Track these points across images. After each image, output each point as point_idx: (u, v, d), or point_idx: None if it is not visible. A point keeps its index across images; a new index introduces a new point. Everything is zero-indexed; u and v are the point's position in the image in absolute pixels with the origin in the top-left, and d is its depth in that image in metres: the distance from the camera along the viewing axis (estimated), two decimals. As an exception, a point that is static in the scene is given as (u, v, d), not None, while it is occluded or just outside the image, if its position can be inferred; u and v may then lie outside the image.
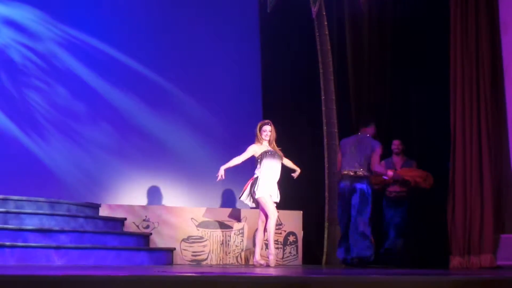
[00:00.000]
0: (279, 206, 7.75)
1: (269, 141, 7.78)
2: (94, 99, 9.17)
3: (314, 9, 9.41)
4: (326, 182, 9.13)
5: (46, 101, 8.95)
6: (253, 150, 7.73)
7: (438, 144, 8.64)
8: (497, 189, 7.76)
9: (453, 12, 8.26)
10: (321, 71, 9.49)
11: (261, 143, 7.76)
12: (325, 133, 9.24)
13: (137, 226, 8.21)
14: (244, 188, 7.70)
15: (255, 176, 7.69)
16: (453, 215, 7.88)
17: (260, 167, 7.67)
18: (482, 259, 7.59)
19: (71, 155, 8.91)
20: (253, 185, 7.63)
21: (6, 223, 6.72)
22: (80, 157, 8.95)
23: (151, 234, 8.14)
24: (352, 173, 8.04)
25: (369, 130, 8.26)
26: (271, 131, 7.81)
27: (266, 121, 7.96)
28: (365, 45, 9.59)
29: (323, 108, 9.31)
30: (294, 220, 8.86)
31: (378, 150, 8.07)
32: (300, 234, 8.89)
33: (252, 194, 7.62)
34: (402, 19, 9.38)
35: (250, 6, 10.02)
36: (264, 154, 7.67)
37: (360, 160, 8.05)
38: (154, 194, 9.09)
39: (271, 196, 7.60)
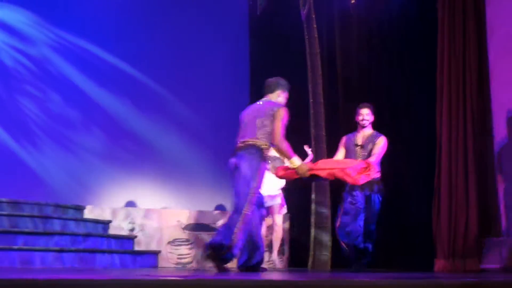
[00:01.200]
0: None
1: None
2: (85, 103, 9.14)
3: (304, 12, 9.40)
4: (313, 184, 9.11)
5: (37, 105, 8.91)
6: None
7: (424, 147, 8.64)
8: (482, 193, 7.77)
9: (440, 15, 8.27)
10: (309, 74, 9.47)
11: None
12: (312, 136, 9.23)
13: (122, 229, 8.17)
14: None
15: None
16: (438, 218, 7.89)
17: None
18: (466, 262, 7.60)
19: (59, 158, 8.87)
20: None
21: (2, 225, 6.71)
22: (68, 159, 8.91)
23: (136, 236, 8.11)
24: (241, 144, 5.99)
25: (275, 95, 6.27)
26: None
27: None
28: (354, 49, 9.59)
29: (311, 111, 9.30)
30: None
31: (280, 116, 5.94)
32: (286, 237, 8.87)
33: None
34: (391, 22, 9.38)
35: (240, 8, 10.02)
36: None
37: (253, 130, 5.96)
38: (140, 197, 9.06)
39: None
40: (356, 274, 5.80)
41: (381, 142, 7.20)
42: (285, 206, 8.12)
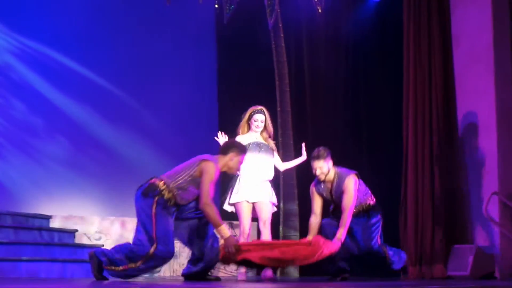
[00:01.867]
0: (230, 217, 7.46)
1: (262, 133, 6.54)
2: (49, 111, 9.04)
3: (271, 21, 9.43)
4: (281, 193, 9.12)
5: (0, 112, 8.79)
6: None
7: (389, 157, 8.72)
8: (449, 201, 7.87)
9: (406, 26, 8.38)
10: (277, 82, 9.51)
11: (245, 134, 6.53)
12: (280, 145, 9.25)
13: (89, 238, 8.10)
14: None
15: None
16: (405, 226, 7.98)
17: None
18: (433, 269, 7.69)
19: (23, 166, 8.76)
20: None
21: None
22: (33, 168, 8.80)
23: (103, 245, 8.03)
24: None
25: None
26: (264, 122, 6.51)
27: (259, 107, 6.57)
28: (321, 57, 9.65)
29: (279, 120, 9.33)
30: (252, 231, 8.82)
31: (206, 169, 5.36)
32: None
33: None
34: (358, 32, 9.48)
35: (207, 17, 10.01)
36: (247, 146, 6.26)
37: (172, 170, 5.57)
38: (107, 205, 8.99)
39: (248, 201, 6.35)
40: (326, 283, 5.77)
41: (347, 188, 6.10)
42: (275, 204, 6.65)
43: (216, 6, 9.12)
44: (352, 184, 6.09)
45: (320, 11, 9.17)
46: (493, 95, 7.66)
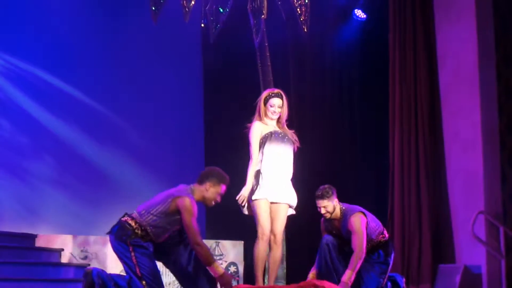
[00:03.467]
0: (217, 235, 7.35)
1: (278, 120, 5.69)
2: (36, 130, 8.98)
3: (257, 40, 9.46)
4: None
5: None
6: (259, 129, 5.56)
7: (375, 178, 8.74)
8: (435, 220, 7.90)
9: (391, 46, 8.46)
10: (263, 101, 9.51)
11: (265, 122, 5.65)
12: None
13: (75, 257, 8.03)
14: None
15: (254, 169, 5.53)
16: (392, 246, 7.97)
17: (260, 157, 5.52)
18: (420, 288, 7.70)
19: (9, 185, 8.68)
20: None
21: None
22: (19, 187, 8.73)
23: (89, 265, 7.96)
24: None
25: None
26: (281, 107, 5.70)
27: (276, 91, 5.75)
28: (307, 77, 9.69)
29: (265, 139, 9.32)
30: (235, 250, 8.79)
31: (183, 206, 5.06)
32: (241, 264, 8.83)
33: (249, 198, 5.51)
34: (344, 53, 9.54)
35: (193, 36, 10.03)
36: (269, 136, 5.52)
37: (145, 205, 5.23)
38: (93, 225, 8.92)
39: (269, 200, 5.47)
40: None
41: (354, 228, 5.69)
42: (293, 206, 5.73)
43: (202, 25, 9.14)
44: (358, 223, 5.71)
45: (306, 30, 9.21)
46: (479, 115, 7.73)
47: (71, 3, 9.23)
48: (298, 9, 8.97)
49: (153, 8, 8.85)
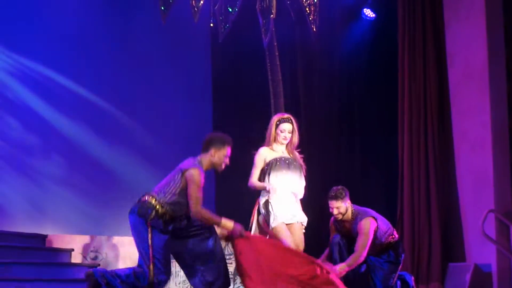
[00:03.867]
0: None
1: (287, 145, 5.77)
2: (44, 129, 9.00)
3: (266, 40, 9.46)
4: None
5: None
6: (263, 158, 5.73)
7: (386, 176, 8.72)
8: (444, 219, 7.88)
9: (400, 45, 8.44)
10: (272, 101, 9.52)
11: (273, 148, 5.78)
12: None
13: (85, 257, 8.05)
14: (251, 221, 5.86)
15: (261, 199, 5.70)
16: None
17: (268, 182, 5.67)
18: (430, 287, 7.68)
19: (19, 185, 8.71)
20: (260, 212, 5.73)
21: None
22: (29, 187, 8.75)
23: (99, 265, 7.99)
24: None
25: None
26: (291, 133, 5.78)
27: (286, 116, 5.85)
28: (316, 76, 9.69)
29: (274, 138, 9.33)
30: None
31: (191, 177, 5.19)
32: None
33: (262, 226, 5.69)
34: (352, 51, 9.53)
35: (202, 36, 10.04)
36: (274, 163, 5.66)
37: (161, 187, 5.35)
38: (103, 224, 8.94)
39: (286, 222, 5.58)
40: None
41: (363, 230, 5.80)
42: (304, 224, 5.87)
43: (212, 25, 9.15)
44: (368, 226, 5.79)
45: (314, 30, 9.21)
46: (488, 113, 7.70)
47: (82, 3, 9.25)
48: (307, 9, 8.97)
49: (162, 8, 8.86)
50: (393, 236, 6.04)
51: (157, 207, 5.19)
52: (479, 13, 7.83)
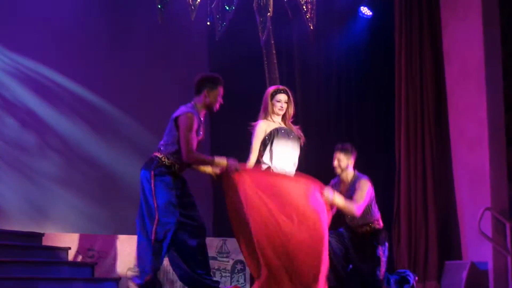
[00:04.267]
0: (223, 233, 7.45)
1: (282, 117, 5.65)
2: (42, 128, 8.99)
3: (263, 38, 9.46)
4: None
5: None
6: (263, 129, 5.57)
7: (383, 174, 8.72)
8: (441, 217, 7.89)
9: (397, 43, 8.44)
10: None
11: (271, 119, 5.64)
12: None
13: (81, 256, 8.05)
14: None
15: (263, 167, 5.49)
16: (398, 242, 7.99)
17: (269, 154, 5.49)
18: (427, 285, 7.70)
19: (16, 183, 8.70)
20: None
21: None
22: (25, 185, 8.74)
23: (96, 263, 7.98)
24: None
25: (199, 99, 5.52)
26: (287, 103, 5.66)
27: (281, 87, 5.78)
28: (313, 74, 9.69)
29: (271, 137, 9.33)
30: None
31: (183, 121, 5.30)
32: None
33: None
34: (349, 50, 9.53)
35: (198, 33, 10.03)
36: (275, 133, 5.50)
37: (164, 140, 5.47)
38: (101, 223, 8.94)
39: None
40: None
41: (361, 187, 5.93)
42: None
43: (208, 23, 9.15)
44: (366, 187, 5.92)
45: (311, 28, 9.21)
46: (485, 112, 7.72)
47: (79, 1, 9.24)
48: (304, 7, 8.97)
49: (159, 6, 8.86)
50: (378, 222, 6.08)
51: (163, 158, 5.32)
52: (476, 12, 7.85)
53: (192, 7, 8.80)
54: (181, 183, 5.44)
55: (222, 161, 5.23)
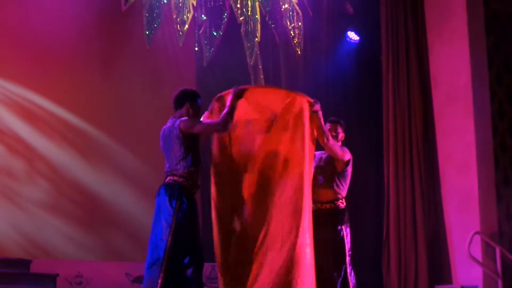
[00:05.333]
0: (212, 259, 7.42)
1: None
2: (29, 154, 8.94)
3: (251, 63, 9.50)
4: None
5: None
6: None
7: (372, 198, 8.72)
8: (430, 241, 7.89)
9: (384, 67, 8.49)
10: (257, 123, 9.53)
11: None
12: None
13: (70, 283, 7.97)
14: None
15: None
16: (388, 266, 7.96)
17: None
18: (417, 310, 7.69)
19: (3, 210, 8.63)
20: None
21: None
22: (13, 212, 8.67)
23: (84, 290, 7.93)
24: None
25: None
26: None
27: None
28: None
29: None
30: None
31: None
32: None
33: None
34: (336, 74, 9.57)
35: (186, 58, 10.04)
36: None
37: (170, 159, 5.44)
38: (89, 249, 8.87)
39: None
40: None
41: (343, 149, 5.98)
42: None
43: (196, 49, 9.18)
44: (347, 153, 5.94)
45: (299, 52, 9.26)
46: (473, 134, 7.75)
47: (68, 27, 9.24)
48: (291, 32, 9.02)
49: (147, 32, 8.89)
50: (343, 201, 5.94)
51: (182, 183, 5.22)
52: (462, 36, 7.91)
53: (180, 33, 8.84)
54: None
55: (232, 98, 5.32)
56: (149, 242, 5.26)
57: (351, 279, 5.69)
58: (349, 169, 5.88)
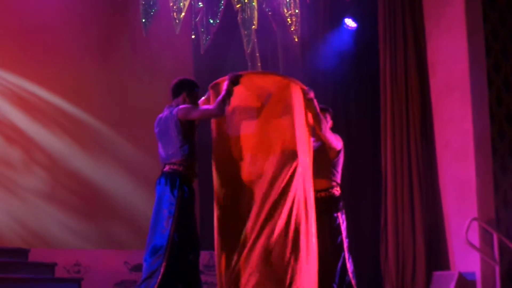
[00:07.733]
0: (210, 246, 7.34)
1: None
2: (26, 143, 8.94)
3: (248, 51, 9.47)
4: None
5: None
6: None
7: (370, 186, 8.73)
8: (428, 228, 7.91)
9: (382, 55, 8.47)
10: (254, 111, 9.51)
11: None
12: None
13: (68, 271, 7.99)
14: None
15: None
16: (386, 253, 7.99)
17: None
18: (414, 296, 7.72)
19: (2, 201, 8.63)
20: None
21: None
22: (11, 201, 8.68)
23: (82, 279, 7.92)
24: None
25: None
26: None
27: None
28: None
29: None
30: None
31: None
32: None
33: None
34: (334, 62, 9.55)
35: (183, 47, 10.03)
36: None
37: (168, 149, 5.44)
38: (86, 238, 8.89)
39: None
40: None
41: (335, 136, 6.01)
42: None
43: (193, 37, 9.14)
44: (340, 141, 5.97)
45: (296, 40, 9.23)
46: (471, 123, 7.75)
47: (63, 16, 9.21)
48: (288, 19, 8.99)
49: (143, 20, 8.85)
50: (338, 189, 5.91)
51: (182, 171, 5.25)
52: (460, 24, 7.89)
53: (177, 21, 8.80)
54: None
55: (228, 85, 5.31)
56: (149, 230, 5.26)
57: (349, 266, 5.70)
58: (341, 156, 5.85)
